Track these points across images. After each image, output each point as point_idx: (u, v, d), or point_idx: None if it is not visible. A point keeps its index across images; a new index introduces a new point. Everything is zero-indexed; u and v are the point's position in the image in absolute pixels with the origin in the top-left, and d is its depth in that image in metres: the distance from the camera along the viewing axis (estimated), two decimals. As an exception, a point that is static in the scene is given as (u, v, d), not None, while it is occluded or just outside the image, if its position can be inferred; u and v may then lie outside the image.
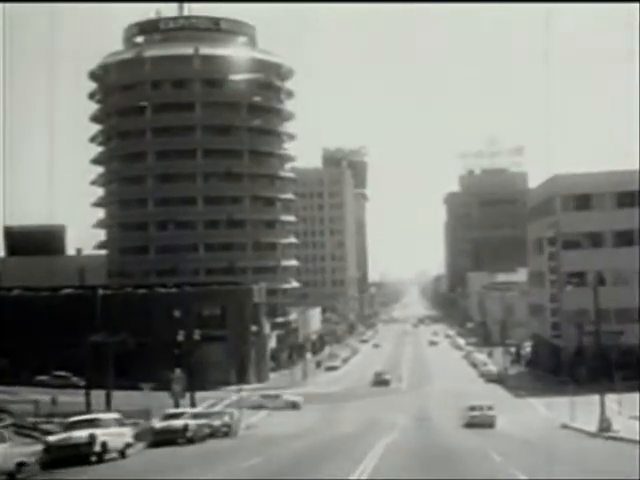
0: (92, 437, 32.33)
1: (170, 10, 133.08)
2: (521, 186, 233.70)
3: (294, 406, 71.23)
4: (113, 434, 34.52)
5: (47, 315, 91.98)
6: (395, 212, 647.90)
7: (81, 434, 32.61)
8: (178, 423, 41.92)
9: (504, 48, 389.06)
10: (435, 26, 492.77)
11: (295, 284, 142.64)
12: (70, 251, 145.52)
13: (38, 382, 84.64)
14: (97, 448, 32.56)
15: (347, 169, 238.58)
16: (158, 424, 42.92)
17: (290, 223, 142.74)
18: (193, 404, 61.39)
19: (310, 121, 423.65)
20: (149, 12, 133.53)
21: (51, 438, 33.78)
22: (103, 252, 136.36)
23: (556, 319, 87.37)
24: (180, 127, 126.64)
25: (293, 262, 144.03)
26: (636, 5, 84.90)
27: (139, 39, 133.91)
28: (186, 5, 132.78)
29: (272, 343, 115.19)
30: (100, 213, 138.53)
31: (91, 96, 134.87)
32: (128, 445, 36.44)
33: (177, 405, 65.44)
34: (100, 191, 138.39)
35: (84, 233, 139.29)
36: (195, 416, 45.58)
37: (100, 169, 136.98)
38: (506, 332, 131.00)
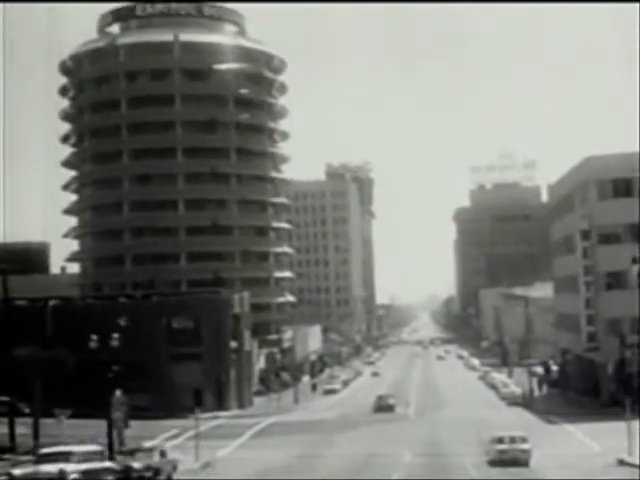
0: None
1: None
2: (534, 201, 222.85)
3: None
4: None
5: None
6: (403, 231, 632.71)
7: None
8: (49, 469, 27.37)
9: (504, 54, 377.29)
10: (443, 36, 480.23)
11: (290, 298, 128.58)
12: (55, 269, 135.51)
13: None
14: None
15: (351, 182, 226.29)
16: (18, 470, 28.42)
17: (284, 230, 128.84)
18: (116, 440, 46.92)
19: (312, 136, 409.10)
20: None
21: None
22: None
23: (592, 329, 72.87)
24: (158, 123, 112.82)
25: (287, 274, 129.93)
26: (636, 5, 74.33)
27: (114, 27, 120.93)
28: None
29: (260, 363, 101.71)
30: (73, 221, 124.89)
31: (62, 92, 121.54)
32: None
33: (120, 437, 53.22)
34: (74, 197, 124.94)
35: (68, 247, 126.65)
36: (91, 456, 30.72)
37: (72, 173, 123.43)
38: (527, 350, 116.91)
